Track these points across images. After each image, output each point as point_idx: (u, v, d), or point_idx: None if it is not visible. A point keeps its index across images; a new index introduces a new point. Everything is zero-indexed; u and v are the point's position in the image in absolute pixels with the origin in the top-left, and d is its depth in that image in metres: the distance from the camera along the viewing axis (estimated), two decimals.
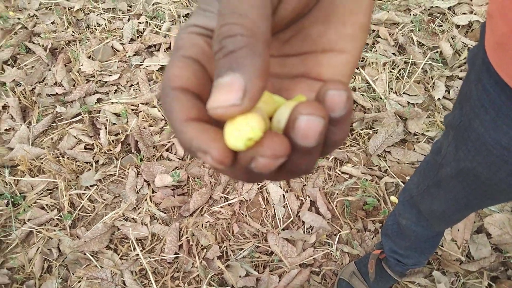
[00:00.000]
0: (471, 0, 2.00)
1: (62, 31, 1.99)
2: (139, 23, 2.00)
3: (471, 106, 0.65)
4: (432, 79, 1.73)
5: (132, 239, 1.42)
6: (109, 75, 1.81)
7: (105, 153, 1.59)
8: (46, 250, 1.41)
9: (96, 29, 1.99)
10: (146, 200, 1.48)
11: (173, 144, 1.61)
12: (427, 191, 0.92)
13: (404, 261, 1.20)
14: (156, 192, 1.49)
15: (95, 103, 1.73)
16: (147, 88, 1.75)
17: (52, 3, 2.11)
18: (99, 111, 1.71)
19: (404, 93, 1.71)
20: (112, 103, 1.71)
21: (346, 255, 1.40)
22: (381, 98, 1.69)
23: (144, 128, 1.62)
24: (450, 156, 0.76)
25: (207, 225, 1.44)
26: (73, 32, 1.98)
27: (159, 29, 1.96)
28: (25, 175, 1.55)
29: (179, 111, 0.24)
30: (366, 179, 1.50)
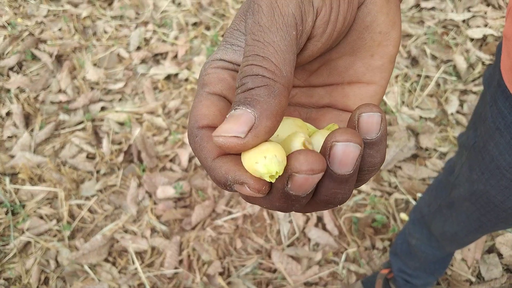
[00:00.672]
0: (486, 13, 1.96)
1: (69, 38, 1.97)
2: (147, 31, 1.98)
3: (486, 128, 0.63)
4: (445, 93, 1.68)
5: (132, 252, 1.37)
6: (114, 83, 1.79)
7: (107, 163, 1.56)
8: (44, 261, 1.38)
9: (103, 37, 1.98)
10: (147, 212, 1.44)
11: (177, 155, 1.57)
12: (439, 212, 0.88)
13: (413, 282, 1.16)
14: (158, 204, 1.45)
15: (99, 111, 1.70)
16: (152, 97, 1.72)
17: (60, 10, 2.10)
18: (103, 120, 1.68)
19: (417, 107, 1.66)
20: (116, 112, 1.68)
21: (353, 274, 1.34)
22: (393, 112, 1.64)
23: (148, 138, 1.59)
24: (464, 177, 0.73)
25: (209, 240, 1.39)
26: (80, 39, 1.96)
27: (167, 38, 1.94)
28: (26, 184, 1.52)
29: (210, 150, 0.24)
30: (375, 195, 1.45)
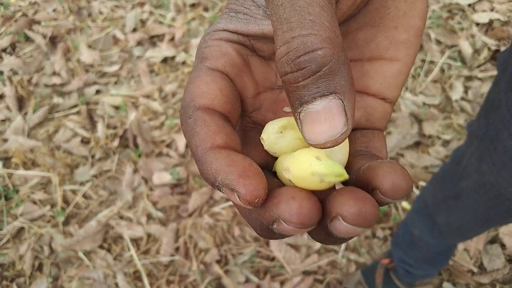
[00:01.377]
0: None
1: (63, 19, 1.92)
2: (143, 12, 1.92)
3: (500, 116, 0.59)
4: (450, 79, 1.64)
5: (127, 239, 1.35)
6: (110, 66, 1.74)
7: (102, 148, 1.52)
8: (38, 247, 1.35)
9: (98, 18, 1.92)
10: (143, 198, 1.41)
11: (173, 140, 1.53)
12: (444, 203, 0.85)
13: (414, 272, 1.14)
14: (154, 190, 1.42)
15: (94, 95, 1.66)
16: (148, 81, 1.68)
17: None
18: (97, 103, 1.63)
19: (420, 93, 1.62)
20: (111, 95, 1.64)
21: (352, 263, 1.32)
22: None
23: (144, 123, 1.55)
24: (472, 168, 0.70)
25: (206, 227, 1.36)
26: (74, 20, 1.91)
27: (164, 19, 1.88)
28: (19, 168, 1.48)
29: (204, 137, 0.20)
30: None
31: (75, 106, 1.64)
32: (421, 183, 1.39)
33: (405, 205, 1.37)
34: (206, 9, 1.91)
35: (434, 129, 1.51)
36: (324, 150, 0.21)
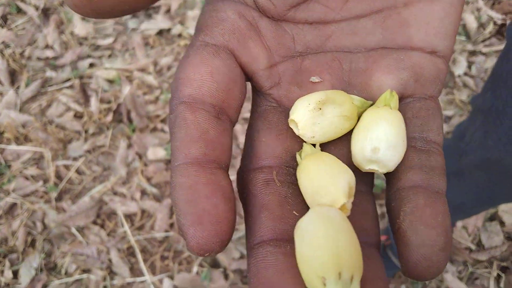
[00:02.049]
0: None
1: None
2: None
3: (508, 90, 0.56)
4: (453, 54, 1.59)
5: (121, 215, 1.33)
6: (104, 39, 1.70)
7: (96, 122, 1.49)
8: (30, 223, 1.33)
9: None
10: (137, 174, 1.39)
11: (168, 115, 1.50)
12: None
13: None
14: (148, 166, 1.39)
15: (88, 68, 1.61)
16: (143, 54, 1.63)
17: None
18: (91, 77, 1.59)
19: None
20: (105, 69, 1.60)
21: None
22: None
23: (138, 97, 1.51)
24: (476, 143, 0.68)
25: None
26: None
27: None
28: (11, 143, 1.45)
29: (179, 145, 0.17)
30: None
31: (68, 80, 1.60)
32: None
33: None
34: None
35: None
36: (384, 141, 0.20)
